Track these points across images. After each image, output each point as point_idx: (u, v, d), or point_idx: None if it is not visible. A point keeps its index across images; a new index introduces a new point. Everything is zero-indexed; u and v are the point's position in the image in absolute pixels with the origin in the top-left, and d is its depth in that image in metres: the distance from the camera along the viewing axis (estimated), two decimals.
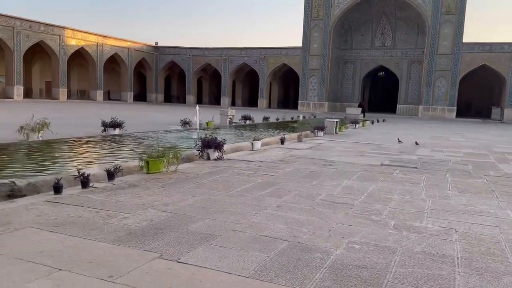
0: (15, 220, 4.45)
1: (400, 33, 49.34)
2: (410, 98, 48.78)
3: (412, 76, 48.80)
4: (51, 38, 43.95)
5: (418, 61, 48.06)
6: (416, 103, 47.53)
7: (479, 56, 42.52)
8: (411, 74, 48.87)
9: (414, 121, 37.67)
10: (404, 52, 49.17)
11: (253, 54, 53.22)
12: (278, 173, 8.00)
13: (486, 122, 39.44)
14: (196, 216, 4.85)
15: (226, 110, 21.54)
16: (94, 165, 7.80)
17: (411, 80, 48.86)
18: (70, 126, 16.33)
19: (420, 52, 47.42)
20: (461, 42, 42.68)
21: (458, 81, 43.28)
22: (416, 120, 39.87)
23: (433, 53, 43.72)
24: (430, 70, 44.06)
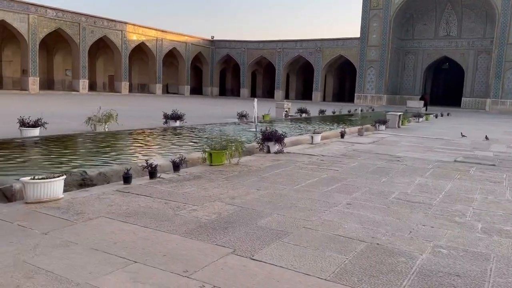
0: (88, 209, 4.52)
1: (466, 22, 46.30)
2: (476, 91, 45.77)
3: (479, 67, 45.71)
4: (113, 33, 45.91)
5: (486, 51, 44.90)
6: (483, 96, 44.51)
7: None
8: (478, 66, 45.78)
9: (482, 115, 35.27)
10: (470, 42, 46.12)
11: (308, 46, 52.41)
12: (342, 168, 7.66)
13: None
14: (264, 210, 4.69)
15: (282, 103, 21.30)
16: (159, 156, 7.90)
17: (477, 72, 45.78)
18: (133, 118, 16.88)
19: (489, 42, 44.24)
20: None
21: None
22: (484, 114, 37.31)
23: (503, 43, 40.59)
24: (499, 61, 40.97)
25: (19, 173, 6.00)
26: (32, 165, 6.75)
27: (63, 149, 8.57)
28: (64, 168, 6.43)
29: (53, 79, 47.58)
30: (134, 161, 6.99)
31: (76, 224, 4.02)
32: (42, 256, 3.24)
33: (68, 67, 46.63)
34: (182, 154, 7.48)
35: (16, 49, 41.45)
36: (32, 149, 8.41)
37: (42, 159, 7.37)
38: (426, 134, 15.34)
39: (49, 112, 15.35)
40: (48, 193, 4.71)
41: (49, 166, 6.62)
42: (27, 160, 7.24)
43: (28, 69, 38.78)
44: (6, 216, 4.16)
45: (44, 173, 5.97)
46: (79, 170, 5.93)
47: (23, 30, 37.80)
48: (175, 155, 8.12)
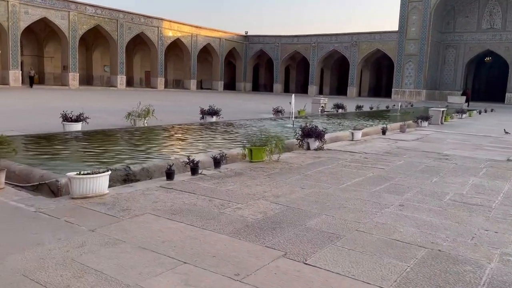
0: (133, 205, 4.47)
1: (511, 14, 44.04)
2: None
3: None
4: (150, 30, 46.66)
5: None
6: None
7: None
8: None
9: None
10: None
11: (343, 40, 51.40)
12: (388, 166, 7.33)
13: None
14: (311, 211, 4.49)
15: (318, 98, 20.92)
16: (199, 152, 7.82)
17: None
18: (170, 113, 17.01)
19: None
20: None
21: None
22: None
23: None
24: None
25: (63, 167, 6.07)
26: (75, 160, 6.83)
27: (105, 144, 8.67)
28: (107, 163, 6.46)
29: (92, 75, 48.96)
30: (176, 157, 6.94)
31: (123, 221, 3.96)
32: (91, 255, 3.18)
33: (106, 63, 47.83)
34: (222, 150, 7.38)
35: (57, 45, 42.88)
36: (75, 144, 8.54)
37: (85, 154, 7.45)
38: (472, 131, 14.62)
39: (90, 107, 15.70)
40: (94, 189, 4.69)
41: (92, 161, 6.67)
42: (70, 154, 7.34)
43: (69, 65, 40.04)
44: (53, 212, 4.16)
45: (88, 168, 6.00)
46: (122, 166, 5.92)
47: (64, 27, 39.01)
48: (215, 151, 8.04)
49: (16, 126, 10.66)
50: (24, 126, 10.92)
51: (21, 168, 5.60)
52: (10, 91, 30.71)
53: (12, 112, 15.25)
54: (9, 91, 30.62)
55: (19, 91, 31.30)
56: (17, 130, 9.81)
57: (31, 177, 5.37)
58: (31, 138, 8.63)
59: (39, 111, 16.04)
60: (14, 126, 10.66)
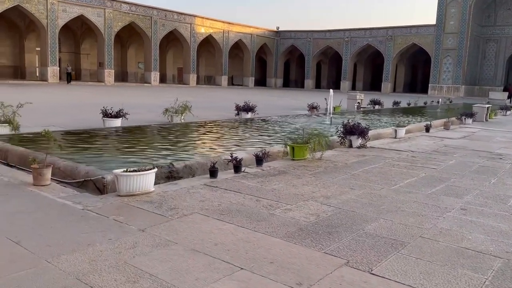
0: (181, 204, 4.33)
1: None
2: None
3: None
4: (183, 26, 47.03)
5: None
6: None
7: None
8: None
9: None
10: None
11: (378, 34, 50.13)
12: (440, 166, 6.93)
13: None
14: (366, 214, 4.22)
15: (354, 94, 20.40)
16: (239, 149, 7.66)
17: None
18: (205, 109, 16.97)
19: None
20: None
21: None
22: None
23: None
24: None
25: (106, 164, 6.03)
26: (117, 156, 6.80)
27: (145, 140, 8.64)
28: (149, 159, 6.38)
29: (126, 72, 49.90)
30: (217, 154, 6.79)
31: (172, 221, 3.82)
32: (143, 257, 3.04)
33: (140, 60, 48.61)
34: (264, 147, 7.18)
35: (93, 42, 43.90)
36: (116, 140, 8.56)
37: (126, 150, 7.42)
38: None
39: (126, 103, 15.82)
40: (141, 186, 4.59)
41: (134, 158, 6.62)
42: (112, 150, 7.33)
43: (104, 61, 40.90)
44: (101, 210, 4.08)
45: (130, 165, 5.94)
46: (165, 163, 5.82)
47: (100, 24, 39.85)
48: (255, 148, 7.86)
49: (56, 122, 10.85)
50: (64, 121, 11.10)
51: (66, 164, 5.58)
52: (48, 87, 31.67)
53: (51, 107, 15.61)
54: (47, 87, 31.58)
55: (57, 87, 32.22)
56: (58, 126, 9.96)
57: (76, 174, 5.34)
58: (72, 133, 8.70)
59: (78, 107, 16.35)
60: (55, 122, 10.85)
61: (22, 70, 41.38)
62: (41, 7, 35.65)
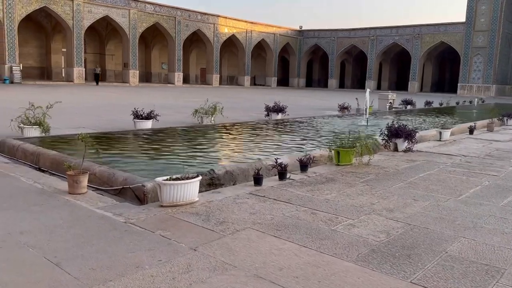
0: (230, 217, 3.91)
1: None
2: None
3: None
4: (206, 27, 46.93)
5: None
6: None
7: None
8: None
9: None
10: None
11: (405, 32, 48.89)
12: (500, 173, 6.33)
13: None
14: (442, 231, 3.70)
15: (386, 94, 19.69)
16: (276, 152, 7.21)
17: None
18: (232, 110, 16.60)
19: None
20: None
21: None
22: None
23: None
24: None
25: (143, 168, 5.67)
26: (153, 160, 6.44)
27: (179, 143, 8.28)
28: (186, 164, 6.00)
29: (150, 72, 50.13)
30: (257, 159, 6.35)
31: (225, 238, 3.40)
32: (202, 285, 2.62)
33: (164, 60, 48.75)
34: (306, 151, 6.72)
35: (117, 43, 44.23)
36: (149, 142, 8.22)
37: (161, 154, 7.06)
38: None
39: (153, 104, 15.60)
40: (185, 196, 4.20)
41: (170, 162, 6.25)
42: (147, 154, 6.97)
43: (129, 62, 41.12)
44: (145, 223, 3.69)
45: (167, 169, 5.57)
46: (205, 169, 5.41)
47: (124, 25, 40.06)
48: (292, 151, 7.40)
49: (85, 123, 10.63)
50: (93, 123, 10.88)
51: (102, 170, 5.24)
52: (74, 87, 31.95)
53: (80, 108, 15.49)
54: (73, 87, 31.86)
55: (83, 88, 32.47)
56: (87, 127, 9.72)
57: (113, 180, 4.98)
58: (104, 136, 8.42)
59: (105, 108, 16.20)
60: (84, 123, 10.63)
61: (48, 71, 41.99)
62: (67, 8, 36.05)
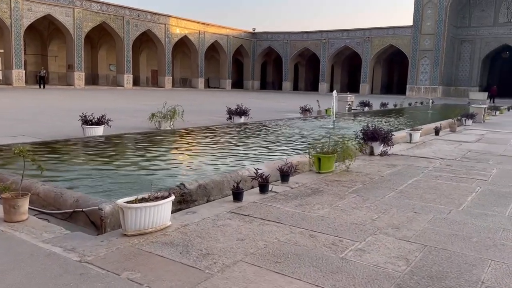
0: (214, 246, 3.17)
1: None
2: None
3: None
4: (157, 27, 45.34)
5: None
6: None
7: None
8: None
9: None
10: None
11: (355, 35, 49.96)
12: (487, 176, 6.05)
13: None
14: (464, 253, 3.20)
15: (345, 96, 19.62)
16: (249, 160, 6.52)
17: None
18: (191, 113, 15.68)
19: None
20: None
21: None
22: None
23: None
24: None
25: (99, 186, 4.78)
26: (111, 175, 5.52)
27: (138, 152, 7.35)
28: (150, 178, 5.17)
29: (97, 74, 47.69)
30: (232, 168, 5.63)
31: (213, 278, 2.66)
32: None
33: (112, 61, 46.56)
34: (285, 158, 6.09)
35: (61, 44, 41.63)
36: (102, 152, 7.23)
37: (118, 166, 6.14)
38: None
39: (102, 108, 14.40)
40: (155, 221, 3.41)
41: (132, 176, 5.38)
42: (101, 167, 6.02)
43: (74, 64, 38.79)
44: (106, 262, 2.86)
45: (129, 187, 4.74)
46: (174, 183, 4.62)
47: (69, 24, 37.74)
48: (267, 158, 6.75)
49: (28, 131, 9.40)
50: (36, 130, 9.65)
51: (47, 189, 4.31)
52: (14, 91, 29.49)
53: (20, 114, 13.97)
54: (13, 91, 29.39)
55: (25, 91, 30.04)
56: (30, 135, 8.54)
57: (62, 202, 4.08)
58: (48, 145, 7.32)
59: (49, 113, 14.73)
60: (26, 131, 9.40)
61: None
62: (4, 6, 33.33)
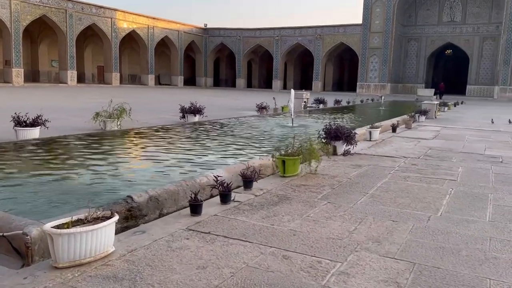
0: (169, 279, 2.58)
1: (471, 7, 44.75)
2: (482, 79, 44.42)
3: (484, 54, 44.29)
4: (102, 21, 43.15)
5: (491, 37, 43.52)
6: (489, 84, 43.24)
7: None
8: (483, 52, 44.35)
9: (496, 103, 33.97)
10: (475, 27, 44.59)
11: (307, 33, 50.29)
12: (454, 176, 5.85)
13: None
14: (458, 271, 2.83)
15: (301, 93, 19.36)
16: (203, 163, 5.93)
17: (483, 59, 44.37)
18: (141, 112, 14.75)
19: (494, 28, 42.93)
20: None
21: None
22: (496, 102, 35.88)
23: (511, 28, 39.22)
24: (508, 46, 39.61)
25: (27, 204, 4.00)
26: (43, 189, 4.72)
27: (78, 158, 6.50)
28: (92, 190, 4.46)
29: (38, 71, 44.63)
30: (187, 175, 5.01)
31: None
32: None
33: (54, 57, 43.76)
34: (247, 161, 5.56)
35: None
36: (37, 160, 6.33)
37: (53, 174, 5.31)
38: (475, 125, 13.72)
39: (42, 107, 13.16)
40: (94, 248, 2.75)
41: (67, 188, 4.62)
42: (34, 179, 5.18)
43: (12, 60, 35.99)
44: None
45: (66, 203, 4.03)
46: (121, 195, 3.94)
47: (5, 17, 34.92)
48: (226, 161, 6.20)
49: None
50: None
51: None
52: None
53: None
54: None
55: None
56: None
57: None
58: None
59: None
60: None
61: None
62: None
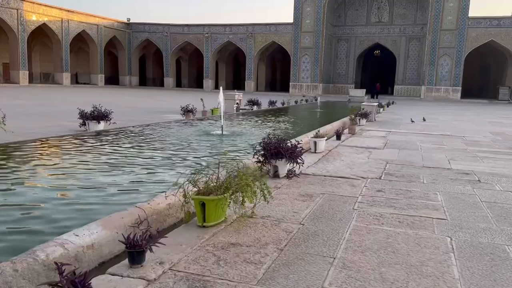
0: None
1: (398, 8, 45.80)
2: (408, 79, 45.66)
3: (410, 54, 45.54)
4: (7, 12, 37.97)
5: (417, 38, 44.87)
6: (415, 84, 44.53)
7: (486, 32, 39.55)
8: (410, 53, 45.61)
9: (423, 102, 34.69)
10: (402, 28, 45.71)
11: (238, 31, 48.54)
12: (440, 211, 4.27)
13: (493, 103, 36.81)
14: None
15: (233, 94, 17.48)
16: (70, 217, 3.78)
17: (409, 59, 45.62)
18: (34, 117, 11.94)
19: (419, 29, 44.27)
20: (467, 17, 39.61)
21: (463, 59, 40.29)
22: (424, 102, 36.67)
23: (436, 29, 40.50)
24: (433, 47, 40.86)
25: None
26: None
27: None
28: None
29: None
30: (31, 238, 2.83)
31: None
32: None
33: None
34: (142, 205, 3.50)
35: None
36: None
37: None
38: (419, 128, 12.78)
39: None
40: None
41: None
42: None
43: None
44: None
45: None
46: None
47: None
48: (107, 202, 4.11)
49: None
50: None
51: None
52: None
53: None
54: None
55: None
56: None
57: None
58: None
59: None
60: None
61: None
62: None
